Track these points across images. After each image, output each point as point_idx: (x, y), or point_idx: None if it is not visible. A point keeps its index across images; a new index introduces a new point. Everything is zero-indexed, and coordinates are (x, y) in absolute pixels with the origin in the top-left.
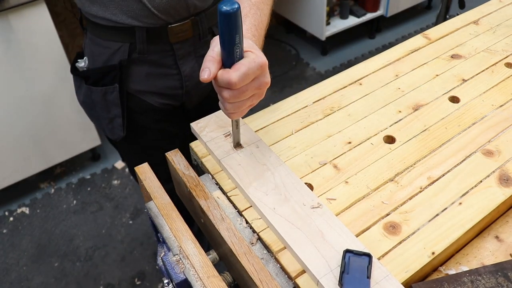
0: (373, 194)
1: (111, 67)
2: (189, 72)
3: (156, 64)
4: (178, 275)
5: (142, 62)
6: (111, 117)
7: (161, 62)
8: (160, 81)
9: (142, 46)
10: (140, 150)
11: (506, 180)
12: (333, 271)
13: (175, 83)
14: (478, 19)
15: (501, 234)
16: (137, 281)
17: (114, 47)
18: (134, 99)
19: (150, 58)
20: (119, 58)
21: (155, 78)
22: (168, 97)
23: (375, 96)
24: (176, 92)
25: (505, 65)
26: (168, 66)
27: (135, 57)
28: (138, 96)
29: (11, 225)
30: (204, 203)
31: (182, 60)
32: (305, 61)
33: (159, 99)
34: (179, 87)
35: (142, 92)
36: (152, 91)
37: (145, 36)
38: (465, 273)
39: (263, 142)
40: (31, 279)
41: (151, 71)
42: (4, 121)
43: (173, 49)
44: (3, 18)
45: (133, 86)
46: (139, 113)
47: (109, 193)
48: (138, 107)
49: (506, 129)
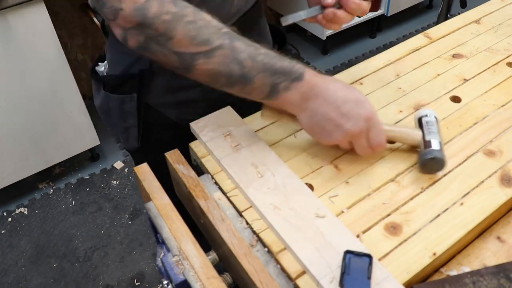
0: (374, 194)
1: (131, 76)
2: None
3: (178, 76)
4: (177, 276)
5: (163, 73)
6: (127, 127)
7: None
8: (181, 93)
9: None
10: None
11: (508, 181)
12: (333, 272)
13: (197, 96)
14: (480, 18)
15: (503, 234)
16: (136, 282)
17: (135, 55)
18: (152, 112)
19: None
20: (140, 67)
21: (176, 90)
22: (190, 111)
23: (376, 96)
24: (198, 105)
25: (507, 65)
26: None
27: (156, 68)
28: (157, 109)
29: (9, 226)
30: (203, 204)
31: None
32: (305, 61)
33: (180, 113)
34: (201, 99)
35: (162, 105)
36: (173, 104)
37: None
38: (467, 274)
39: (263, 142)
40: (29, 280)
41: (172, 83)
42: (2, 120)
43: None
44: (2, 17)
45: (152, 98)
46: (157, 126)
47: (108, 193)
48: (157, 121)
49: (508, 129)
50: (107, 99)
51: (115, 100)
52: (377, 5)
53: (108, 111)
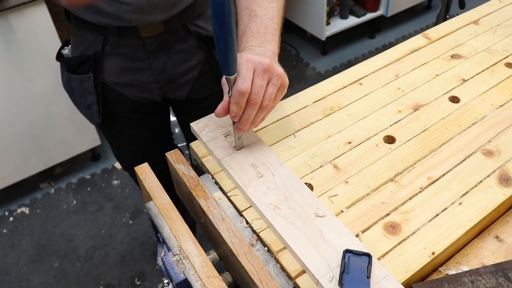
0: (373, 194)
1: (86, 57)
2: (161, 67)
3: (129, 58)
4: (178, 275)
5: (115, 55)
6: (88, 104)
7: (133, 56)
8: (133, 75)
9: (114, 40)
10: (116, 136)
11: (506, 180)
12: (333, 271)
13: (149, 77)
14: (478, 19)
15: (501, 234)
16: (137, 281)
17: (89, 38)
18: (109, 90)
19: (123, 51)
20: (94, 49)
21: (128, 71)
22: (143, 91)
23: (375, 96)
24: (150, 86)
25: (505, 65)
26: (141, 60)
27: (109, 50)
28: (113, 87)
29: (11, 225)
30: (204, 203)
31: (154, 54)
32: (305, 61)
33: (134, 92)
34: (153, 81)
35: (117, 84)
36: (127, 84)
37: (116, 31)
38: (465, 273)
39: (263, 142)
40: (31, 279)
41: (125, 64)
42: (4, 121)
43: (145, 43)
44: (3, 18)
45: (108, 77)
46: (114, 103)
47: (109, 193)
48: (113, 98)
49: (506, 129)
50: (69, 79)
51: (75, 80)
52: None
53: (71, 90)
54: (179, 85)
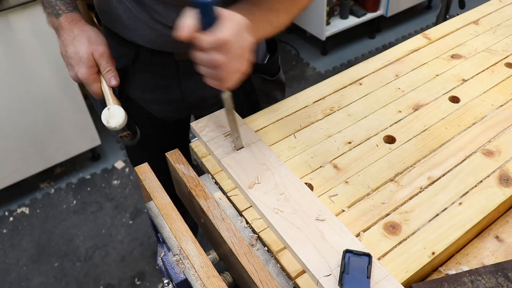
0: (373, 194)
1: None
2: (191, 87)
3: (158, 75)
4: (178, 275)
5: (145, 71)
6: None
7: (163, 74)
8: (160, 92)
9: (146, 58)
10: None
11: (506, 180)
12: (333, 271)
13: (177, 96)
14: (478, 19)
15: (501, 234)
16: (137, 281)
17: (120, 51)
18: (134, 105)
19: (154, 68)
20: (123, 63)
21: (156, 88)
22: (169, 108)
23: (375, 96)
24: (177, 105)
25: (505, 65)
26: (171, 78)
27: (139, 66)
28: (139, 102)
29: (11, 225)
30: (204, 203)
31: (185, 75)
32: (305, 61)
33: (160, 110)
34: (180, 100)
35: (142, 100)
36: (152, 100)
37: (149, 50)
38: (465, 273)
39: (263, 142)
40: (31, 279)
41: (153, 81)
42: (4, 121)
43: (178, 65)
44: (3, 18)
45: (133, 92)
46: (139, 118)
47: (109, 193)
48: (138, 113)
49: (506, 129)
50: None
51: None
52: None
53: (95, 99)
54: (208, 106)
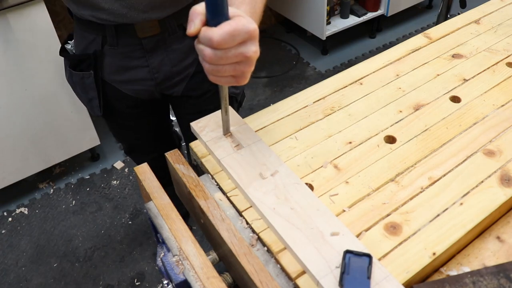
0: (374, 194)
1: (86, 56)
2: (157, 65)
3: (126, 57)
4: (177, 275)
5: (114, 54)
6: (90, 98)
7: (131, 55)
8: (131, 72)
9: (112, 40)
10: (116, 126)
11: (508, 181)
12: (333, 271)
13: (145, 75)
14: (479, 18)
15: (502, 234)
16: (137, 282)
17: (89, 37)
18: (109, 87)
19: (121, 50)
20: (94, 48)
21: (126, 69)
22: (141, 88)
23: (375, 96)
24: (147, 83)
25: (507, 65)
26: (138, 58)
27: (107, 49)
28: (113, 84)
29: (10, 226)
30: (203, 204)
31: (151, 53)
32: (305, 61)
33: (132, 89)
34: (149, 78)
35: (116, 81)
36: (124, 81)
37: (113, 30)
38: (467, 274)
39: (263, 142)
40: (30, 280)
41: (122, 63)
42: (3, 120)
43: (142, 43)
44: (2, 18)
45: (107, 75)
46: (115, 99)
47: (108, 193)
48: (113, 94)
49: (507, 129)
50: (71, 74)
51: (77, 76)
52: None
53: (73, 84)
54: (175, 83)
